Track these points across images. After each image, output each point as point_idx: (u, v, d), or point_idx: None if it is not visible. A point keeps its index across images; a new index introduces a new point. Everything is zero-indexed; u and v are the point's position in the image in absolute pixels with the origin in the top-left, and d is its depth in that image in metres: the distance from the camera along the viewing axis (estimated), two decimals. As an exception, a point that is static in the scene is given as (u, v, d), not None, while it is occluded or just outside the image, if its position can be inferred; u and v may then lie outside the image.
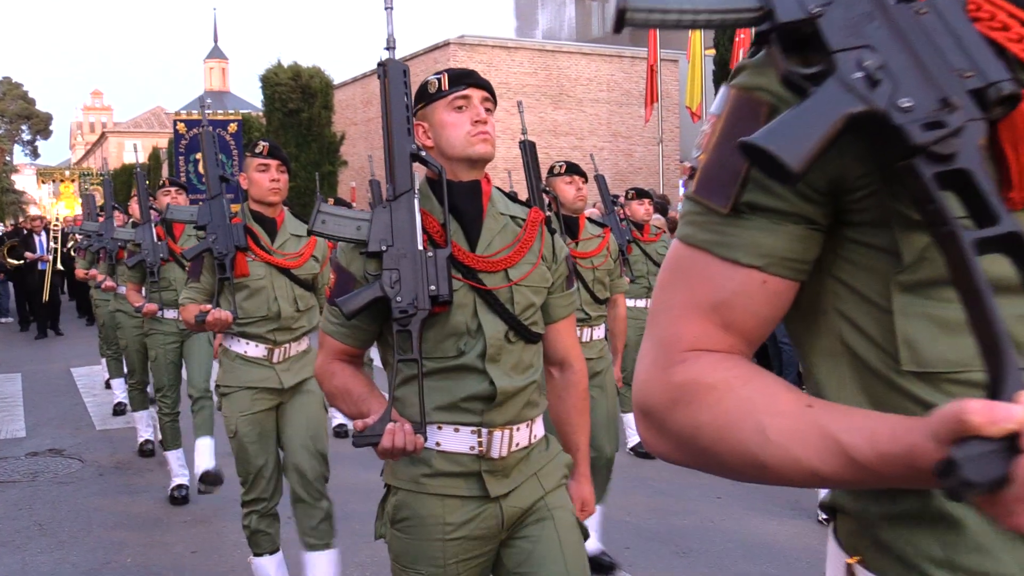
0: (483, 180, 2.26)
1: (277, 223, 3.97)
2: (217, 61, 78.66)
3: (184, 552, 4.94)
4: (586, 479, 2.45)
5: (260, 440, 3.89)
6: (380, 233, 2.11)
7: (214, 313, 3.67)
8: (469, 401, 2.14)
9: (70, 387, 10.17)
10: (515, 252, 2.21)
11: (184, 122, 18.54)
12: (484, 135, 2.19)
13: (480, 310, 2.15)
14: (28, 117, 61.60)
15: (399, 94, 2.16)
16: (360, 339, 2.23)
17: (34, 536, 5.24)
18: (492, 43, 24.11)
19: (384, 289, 2.08)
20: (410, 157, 2.13)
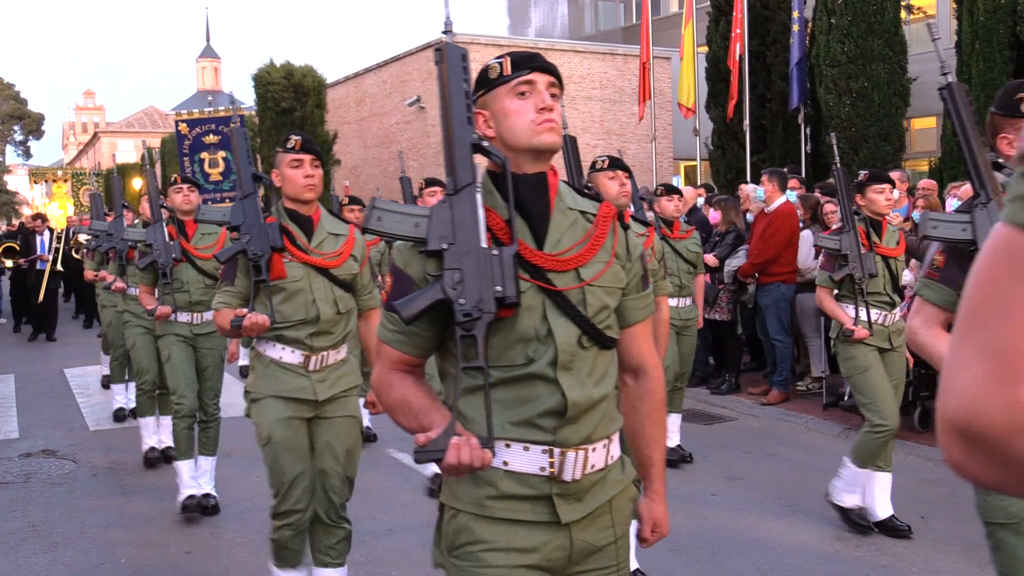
0: (549, 172, 2.08)
1: (314, 221, 3.76)
2: (209, 60, 78.52)
3: (178, 552, 4.93)
4: (660, 497, 2.25)
5: (295, 447, 3.68)
6: (441, 230, 1.94)
7: (251, 317, 3.48)
8: (541, 417, 1.95)
9: (63, 388, 10.15)
10: (586, 250, 2.03)
11: (186, 122, 18.31)
12: (550, 123, 2.00)
13: (550, 313, 1.97)
14: (20, 117, 61.42)
15: (458, 80, 1.96)
16: (420, 347, 2.05)
17: (27, 537, 5.23)
18: (485, 41, 24.06)
19: (446, 291, 1.90)
20: (471, 148, 1.96)
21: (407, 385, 2.03)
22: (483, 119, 2.03)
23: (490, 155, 1.99)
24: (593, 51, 25.25)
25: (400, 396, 2.01)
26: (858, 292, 5.01)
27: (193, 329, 5.51)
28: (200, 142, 17.87)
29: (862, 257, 5.00)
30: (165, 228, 5.49)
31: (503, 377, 1.95)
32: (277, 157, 3.66)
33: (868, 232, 5.06)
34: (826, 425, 7.52)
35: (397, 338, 2.05)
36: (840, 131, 12.46)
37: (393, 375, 2.06)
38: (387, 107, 25.61)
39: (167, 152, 29.90)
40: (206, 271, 5.49)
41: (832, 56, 12.52)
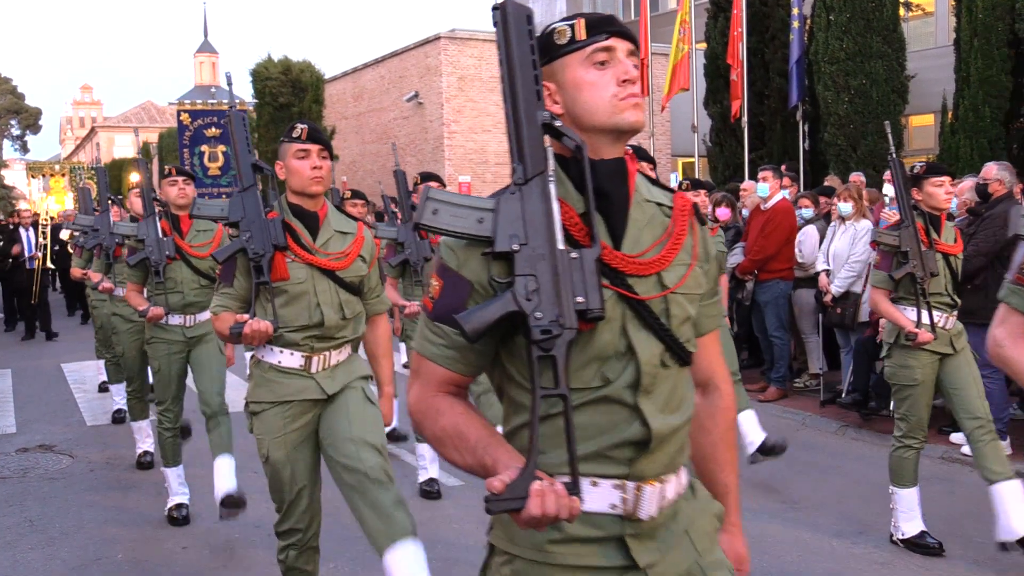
0: (627, 157, 1.77)
1: (319, 218, 3.47)
2: (207, 55, 78.27)
3: (175, 548, 4.93)
4: (739, 530, 2.00)
5: (296, 465, 3.44)
6: (510, 227, 1.60)
7: (252, 324, 3.23)
8: (615, 448, 1.66)
9: (60, 383, 10.14)
10: (667, 250, 1.73)
11: (188, 112, 18.03)
12: (635, 98, 1.70)
13: (630, 326, 1.67)
14: (17, 112, 61.24)
15: (524, 46, 1.61)
16: (473, 364, 1.71)
17: (24, 532, 5.23)
18: (483, 37, 24.03)
19: (519, 301, 1.56)
20: (542, 129, 1.62)
21: (459, 412, 1.67)
22: (547, 93, 1.71)
23: (564, 137, 1.64)
24: (591, 47, 25.19)
25: (451, 425, 1.65)
26: (919, 292, 4.63)
27: (186, 332, 5.21)
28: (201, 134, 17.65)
29: (923, 254, 4.63)
30: (158, 223, 5.15)
31: (574, 403, 1.63)
32: (281, 148, 3.43)
33: (927, 228, 4.70)
34: (823, 422, 7.52)
35: (445, 354, 1.69)
36: (838, 128, 12.47)
37: (441, 399, 1.70)
38: (385, 102, 25.59)
39: (164, 147, 29.87)
40: (201, 270, 5.21)
41: (831, 53, 12.52)
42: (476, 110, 23.36)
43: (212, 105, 18.48)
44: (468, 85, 23.28)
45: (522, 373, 1.67)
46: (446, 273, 1.69)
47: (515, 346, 1.66)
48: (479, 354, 1.69)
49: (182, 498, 5.34)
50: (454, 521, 5.24)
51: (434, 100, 23.34)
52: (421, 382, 1.73)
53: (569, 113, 1.71)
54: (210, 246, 5.16)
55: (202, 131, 17.62)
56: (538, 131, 1.61)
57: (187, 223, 5.25)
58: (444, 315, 1.67)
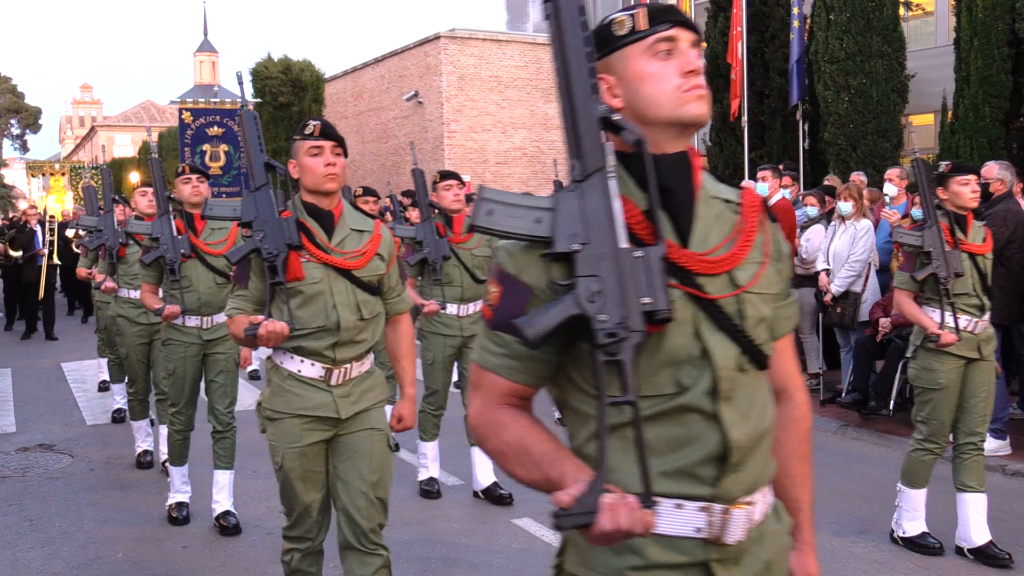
0: (691, 151, 1.69)
1: (334, 216, 3.36)
2: (207, 55, 78.22)
3: (175, 547, 4.93)
4: (811, 548, 1.88)
5: (308, 477, 3.35)
6: (569, 226, 1.53)
7: (267, 325, 3.12)
8: (699, 464, 1.56)
9: (60, 382, 10.14)
10: (738, 248, 1.65)
11: (190, 111, 17.88)
12: (700, 90, 1.62)
13: (704, 328, 1.58)
14: (17, 111, 61.27)
15: (578, 38, 1.53)
16: (537, 374, 1.61)
17: (24, 532, 5.23)
18: (483, 36, 24.05)
19: (581, 304, 1.48)
20: (600, 123, 1.54)
21: (524, 426, 1.58)
22: (606, 86, 1.63)
23: (624, 131, 1.55)
24: (591, 46, 25.22)
25: (516, 440, 1.57)
26: (943, 294, 4.53)
27: (203, 335, 5.11)
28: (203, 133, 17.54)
29: (947, 255, 4.52)
30: (172, 221, 5.07)
31: (648, 412, 1.54)
32: (294, 145, 3.34)
33: (952, 227, 4.60)
34: (823, 421, 7.52)
35: (508, 364, 1.60)
36: (838, 128, 12.47)
37: (504, 412, 1.61)
38: (385, 102, 25.58)
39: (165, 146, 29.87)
40: (217, 268, 5.13)
41: (831, 52, 12.53)
42: (476, 109, 23.36)
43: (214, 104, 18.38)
44: (468, 84, 23.29)
45: (587, 380, 1.58)
46: (505, 279, 1.60)
47: (579, 352, 1.57)
48: (542, 363, 1.60)
49: (183, 496, 5.32)
50: (454, 521, 5.24)
51: (434, 99, 23.34)
52: (482, 394, 1.64)
53: (630, 106, 1.63)
54: (225, 244, 5.11)
55: (204, 130, 17.52)
56: (595, 126, 1.54)
57: (202, 221, 5.18)
58: (504, 323, 1.58)
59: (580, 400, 1.62)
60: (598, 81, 1.55)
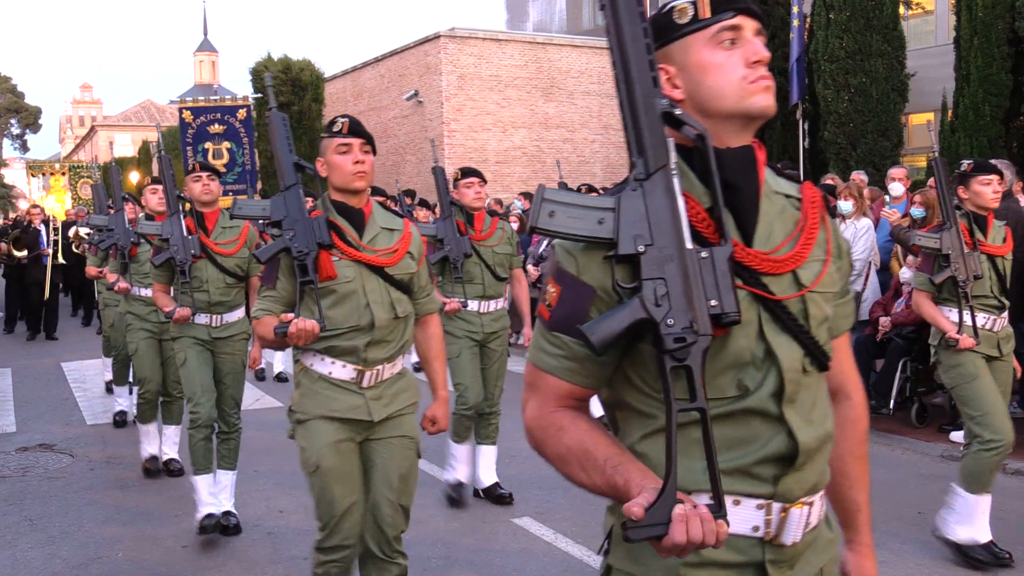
0: (755, 145, 1.62)
1: (365, 215, 3.31)
2: (207, 54, 78.27)
3: (175, 547, 4.93)
4: (869, 550, 1.84)
5: (347, 478, 3.23)
6: (633, 227, 1.47)
7: (298, 323, 3.03)
8: (759, 464, 1.54)
9: (60, 382, 10.14)
10: (801, 246, 1.60)
11: (191, 110, 17.68)
12: (767, 81, 1.56)
13: (768, 329, 1.55)
14: (17, 111, 61.30)
15: (636, 28, 1.46)
16: (597, 376, 1.57)
17: (24, 532, 5.23)
18: (483, 35, 24.04)
19: (647, 308, 1.44)
20: (662, 117, 1.47)
21: (583, 429, 1.53)
22: (666, 77, 1.57)
23: (685, 125, 1.50)
24: (591, 45, 25.22)
25: (576, 443, 1.52)
26: (962, 296, 4.45)
27: (212, 332, 5.06)
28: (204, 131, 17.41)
29: (965, 257, 4.45)
30: (183, 221, 5.00)
31: (710, 414, 1.48)
32: (322, 143, 3.28)
33: (971, 229, 4.51)
34: (823, 420, 7.52)
35: (566, 366, 1.56)
36: (838, 127, 12.48)
37: (562, 415, 1.57)
38: (385, 101, 25.58)
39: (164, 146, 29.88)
40: (227, 269, 5.08)
41: (831, 52, 12.53)
42: (476, 109, 23.36)
43: (214, 101, 18.26)
44: (468, 84, 23.28)
45: (648, 383, 1.54)
46: (564, 279, 1.55)
47: (640, 354, 1.53)
48: (601, 364, 1.55)
49: (212, 508, 5.00)
50: (454, 520, 5.24)
51: (434, 99, 23.34)
52: (539, 397, 1.60)
53: (691, 98, 1.57)
54: (236, 243, 5.10)
55: (205, 128, 17.37)
56: (658, 121, 1.47)
57: (212, 220, 5.12)
58: (564, 324, 1.54)
59: (638, 399, 1.58)
60: (659, 73, 1.49)
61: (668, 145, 1.47)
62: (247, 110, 17.30)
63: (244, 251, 5.11)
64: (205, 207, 5.10)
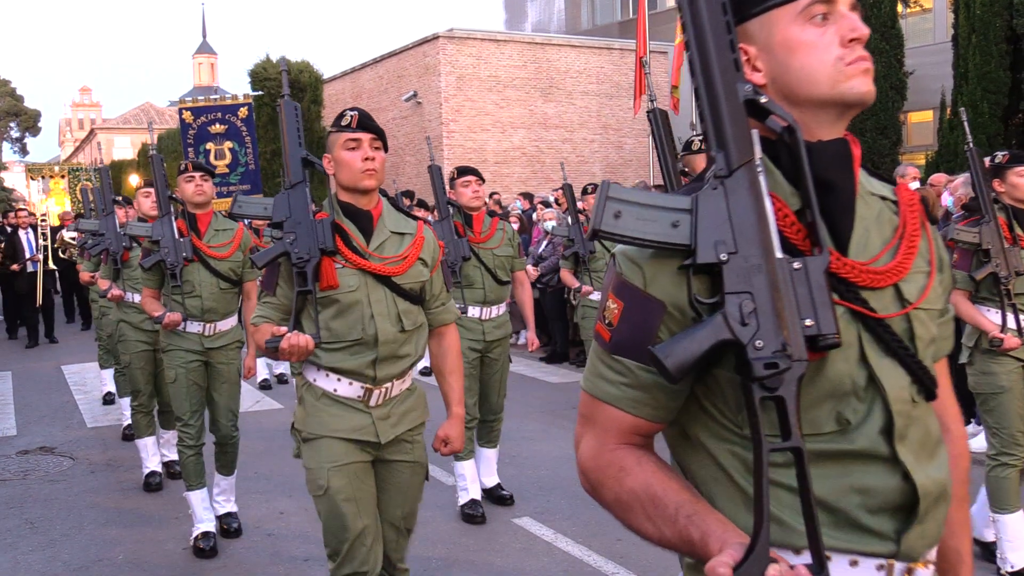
0: (850, 139, 1.40)
1: (373, 217, 3.06)
2: (206, 56, 78.42)
3: (176, 549, 4.93)
4: None
5: (359, 497, 3.01)
6: (714, 232, 1.26)
7: (290, 338, 2.82)
8: (873, 514, 1.31)
9: (61, 385, 10.14)
10: (902, 256, 1.37)
11: (191, 110, 17.50)
12: (864, 61, 1.33)
13: (871, 353, 1.32)
14: (16, 114, 61.30)
15: (714, 5, 1.28)
16: (667, 408, 1.35)
17: (25, 534, 5.23)
18: (481, 36, 24.04)
19: (732, 327, 1.22)
20: (745, 106, 1.27)
21: (649, 470, 1.32)
22: (744, 59, 1.35)
23: (768, 115, 1.30)
24: (590, 46, 25.23)
25: (641, 488, 1.31)
26: (1004, 294, 4.21)
27: (205, 341, 4.85)
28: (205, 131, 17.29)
29: (1006, 252, 4.21)
30: (174, 223, 4.79)
31: None
32: (329, 139, 3.05)
33: (1011, 223, 4.27)
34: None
35: (630, 396, 1.34)
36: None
37: (625, 454, 1.35)
38: (384, 102, 25.58)
39: (164, 148, 29.89)
40: (220, 273, 4.86)
41: (829, 50, 12.53)
42: (475, 109, 23.36)
43: (214, 100, 18.15)
44: (466, 84, 23.29)
45: (725, 415, 1.33)
46: (628, 292, 1.33)
47: (714, 381, 1.32)
48: (673, 394, 1.33)
49: (208, 525, 4.87)
50: (454, 521, 5.24)
51: (433, 100, 23.34)
52: (596, 432, 1.37)
53: (777, 83, 1.35)
54: (230, 247, 4.91)
55: (206, 128, 17.22)
56: (740, 109, 1.27)
57: (205, 223, 4.92)
58: (628, 346, 1.32)
59: (711, 435, 1.35)
60: (739, 55, 1.29)
61: (753, 137, 1.27)
62: (248, 108, 17.11)
63: (238, 254, 4.94)
64: (198, 208, 4.90)
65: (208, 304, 4.84)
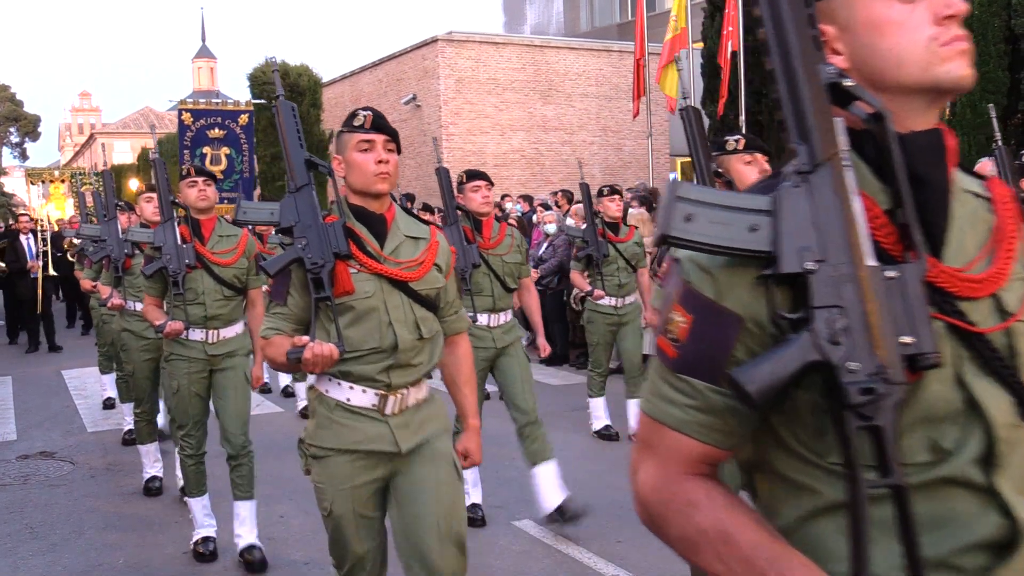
0: (944, 129, 1.25)
1: (387, 221, 2.94)
2: (205, 60, 78.48)
3: (176, 553, 4.93)
4: None
5: (362, 523, 2.90)
6: (798, 236, 1.10)
7: (314, 348, 2.68)
8: (963, 553, 1.16)
9: (61, 389, 10.14)
10: (1001, 261, 1.22)
11: (191, 112, 17.36)
12: (962, 42, 1.20)
13: (968, 372, 1.17)
14: (16, 119, 61.35)
15: None
16: (740, 434, 1.20)
17: (25, 539, 5.23)
18: (480, 39, 24.06)
19: (822, 347, 1.07)
20: (828, 91, 1.13)
21: (721, 505, 1.17)
22: (823, 39, 1.18)
23: (853, 102, 1.16)
24: (588, 48, 25.25)
25: (712, 525, 1.16)
26: None
27: (208, 349, 4.72)
28: (203, 135, 17.19)
29: None
30: (177, 228, 4.67)
31: None
32: (340, 139, 2.94)
33: None
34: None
35: (699, 420, 1.18)
36: (836, 126, 12.51)
37: (694, 486, 1.20)
38: (383, 106, 25.56)
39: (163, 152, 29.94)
40: (224, 280, 4.75)
41: (827, 51, 12.55)
42: (474, 112, 23.39)
43: (216, 105, 18.10)
44: (466, 87, 23.32)
45: (807, 444, 1.18)
46: (698, 304, 1.17)
47: (795, 406, 1.16)
48: (746, 419, 1.18)
49: (209, 530, 4.85)
50: (455, 523, 5.23)
51: (432, 103, 23.36)
52: (658, 460, 1.22)
53: (860, 66, 1.21)
54: (234, 253, 4.78)
55: (204, 132, 17.12)
56: (823, 94, 1.13)
57: (208, 228, 4.80)
58: (698, 365, 1.17)
59: (790, 465, 1.20)
60: (820, 34, 1.14)
61: (838, 127, 1.12)
62: (249, 116, 17.05)
63: (243, 261, 4.82)
64: (201, 214, 4.79)
65: (211, 312, 4.72)
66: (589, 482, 5.81)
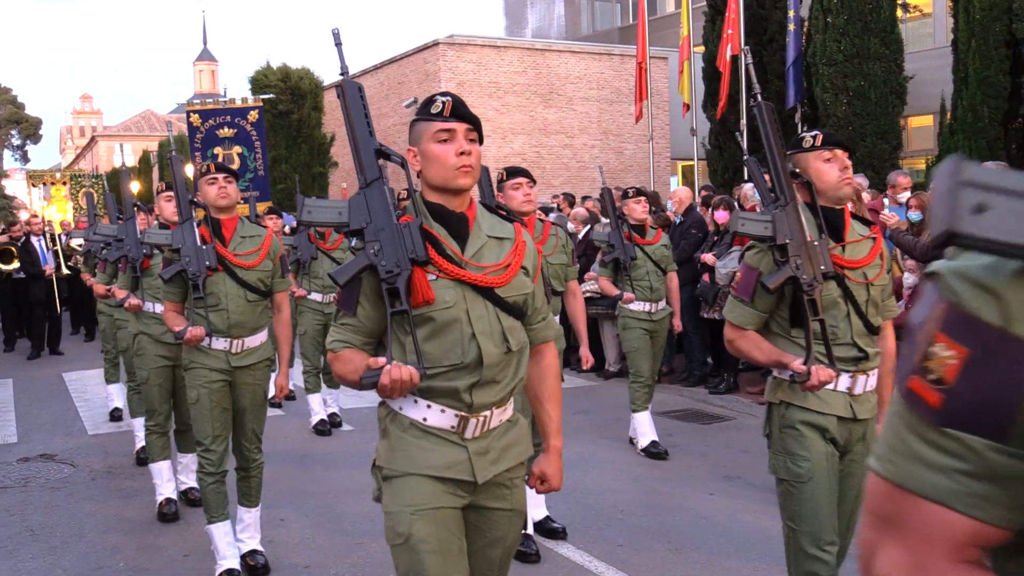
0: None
1: (468, 220, 2.61)
2: (207, 63, 78.64)
3: (177, 556, 4.93)
4: None
5: (449, 551, 2.49)
6: None
7: (392, 372, 2.37)
8: None
9: (62, 392, 10.14)
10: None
11: (199, 113, 17.11)
12: None
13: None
14: (17, 122, 61.38)
15: None
16: (1020, 505, 0.91)
17: (25, 542, 5.22)
18: (481, 42, 24.09)
19: None
20: None
21: None
22: None
23: None
24: (590, 51, 25.28)
25: None
26: None
27: (231, 359, 4.42)
28: (214, 135, 16.96)
29: None
30: (196, 229, 4.39)
31: None
32: (416, 128, 2.60)
33: None
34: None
35: (974, 490, 0.91)
36: (837, 130, 12.50)
37: None
38: (384, 109, 25.61)
39: (164, 156, 29.92)
40: (248, 283, 4.45)
41: (828, 55, 12.56)
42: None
43: (223, 103, 17.91)
44: (467, 91, 23.33)
45: None
46: (976, 333, 0.89)
47: None
48: None
49: (233, 562, 4.50)
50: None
51: (433, 106, 23.40)
52: (910, 542, 0.94)
53: None
54: (258, 254, 4.51)
55: (214, 132, 16.86)
56: None
57: (230, 229, 4.50)
58: (975, 416, 0.89)
59: None
60: None
61: None
62: (259, 112, 16.70)
63: (267, 263, 4.55)
64: (222, 213, 4.49)
65: (235, 318, 4.42)
66: (590, 485, 5.81)
